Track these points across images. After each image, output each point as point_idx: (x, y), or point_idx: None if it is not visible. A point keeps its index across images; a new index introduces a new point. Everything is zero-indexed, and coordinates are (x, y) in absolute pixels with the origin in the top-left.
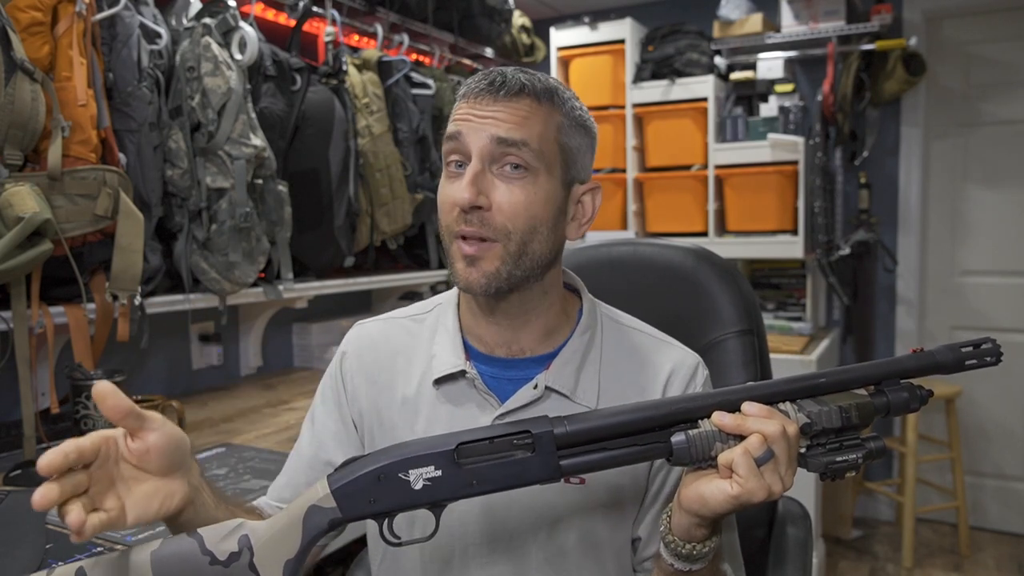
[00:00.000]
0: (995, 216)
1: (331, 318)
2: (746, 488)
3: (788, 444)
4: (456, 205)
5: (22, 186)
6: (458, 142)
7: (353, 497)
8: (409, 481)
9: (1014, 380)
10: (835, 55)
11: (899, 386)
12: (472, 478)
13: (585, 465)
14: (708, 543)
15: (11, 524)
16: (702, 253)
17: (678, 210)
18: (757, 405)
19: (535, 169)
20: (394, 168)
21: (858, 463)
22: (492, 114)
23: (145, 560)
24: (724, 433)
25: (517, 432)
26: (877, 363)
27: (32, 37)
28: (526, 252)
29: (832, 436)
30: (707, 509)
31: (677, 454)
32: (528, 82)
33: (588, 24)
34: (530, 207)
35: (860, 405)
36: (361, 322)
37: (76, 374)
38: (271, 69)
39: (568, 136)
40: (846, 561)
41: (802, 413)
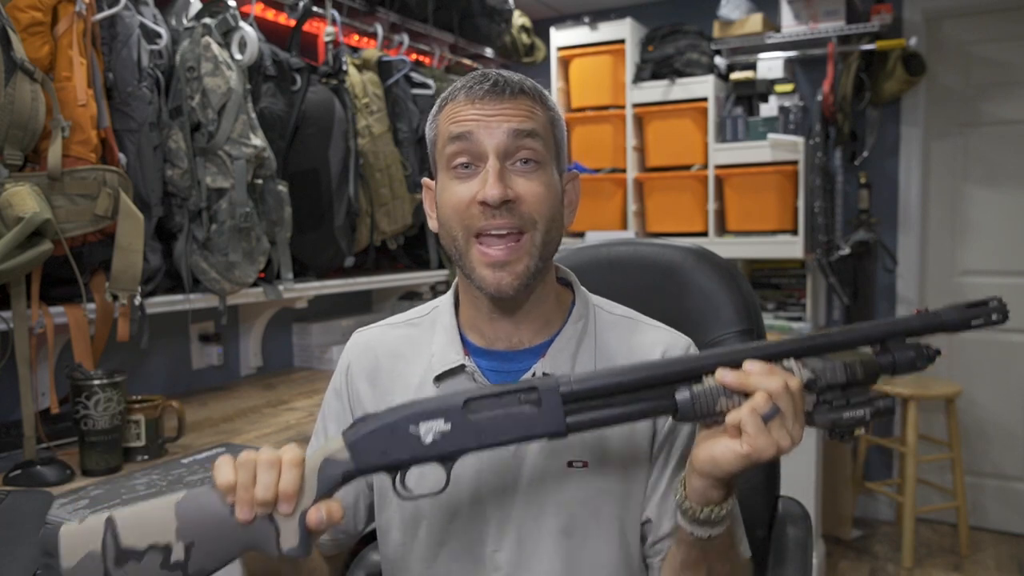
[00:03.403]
0: (995, 216)
1: (331, 318)
2: (755, 446)
3: (792, 399)
4: (479, 202)
5: (22, 186)
6: (468, 142)
7: (365, 450)
8: (419, 435)
9: (1014, 380)
10: (835, 55)
11: (906, 345)
12: (480, 431)
13: (591, 421)
14: (725, 505)
15: (11, 524)
16: (702, 253)
17: (678, 210)
18: (759, 362)
19: (544, 160)
20: (394, 168)
21: (865, 419)
22: (502, 111)
23: (170, 509)
24: (728, 389)
25: (524, 388)
26: (882, 322)
27: (32, 37)
28: (549, 241)
29: (838, 393)
30: (719, 470)
31: (682, 409)
32: (523, 82)
33: (588, 24)
34: (548, 197)
35: (865, 361)
36: (360, 330)
37: (76, 374)
38: (271, 69)
39: (557, 129)
40: (846, 561)
41: (806, 369)
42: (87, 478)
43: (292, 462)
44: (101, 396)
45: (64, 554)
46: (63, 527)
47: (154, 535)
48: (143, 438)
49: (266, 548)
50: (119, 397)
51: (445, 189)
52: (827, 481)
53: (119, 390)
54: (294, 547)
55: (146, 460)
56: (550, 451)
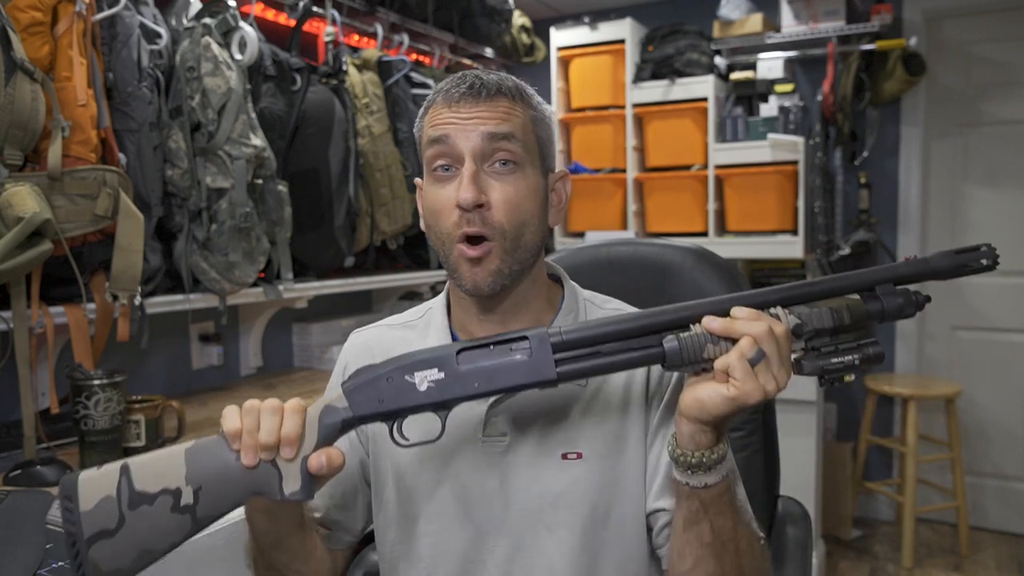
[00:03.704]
0: (995, 216)
1: (331, 318)
2: (742, 389)
3: (777, 343)
4: (457, 206)
5: (22, 186)
6: (445, 145)
7: (364, 398)
8: (415, 383)
9: (1014, 380)
10: (835, 55)
11: (894, 291)
12: (474, 380)
13: (582, 370)
14: (716, 449)
15: (11, 524)
16: (702, 253)
17: (678, 210)
18: (746, 309)
19: (523, 162)
20: (394, 168)
21: (854, 365)
22: (477, 114)
23: (180, 455)
24: (715, 336)
25: (515, 338)
26: (870, 269)
27: (32, 37)
28: (520, 245)
29: (826, 339)
30: (706, 413)
31: (669, 356)
32: (501, 82)
33: (588, 24)
34: (522, 201)
35: (852, 306)
36: (357, 331)
37: (76, 374)
38: (271, 69)
39: (540, 128)
40: (846, 561)
41: (792, 315)
42: None
43: (294, 409)
44: (101, 396)
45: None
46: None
47: (165, 480)
48: (143, 438)
49: (270, 492)
50: (119, 397)
51: (429, 191)
52: (827, 481)
53: (119, 390)
54: (296, 491)
55: None
56: (544, 444)
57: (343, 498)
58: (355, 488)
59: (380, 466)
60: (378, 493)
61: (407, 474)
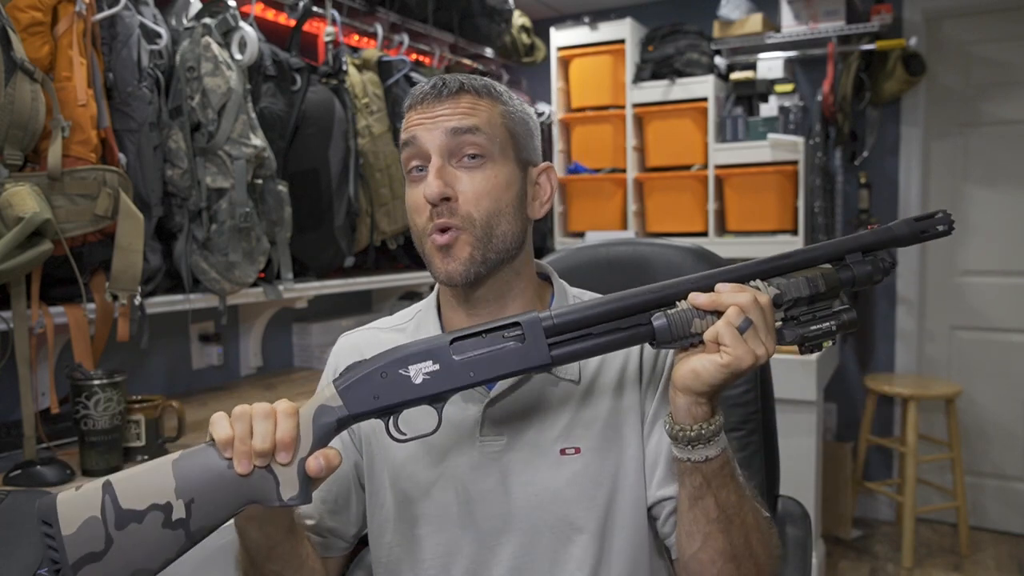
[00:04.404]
0: (995, 216)
1: (331, 318)
2: (734, 355)
3: (763, 311)
4: (426, 201)
5: (22, 186)
6: (414, 147)
7: (358, 395)
8: (410, 376)
9: (1014, 380)
10: (835, 55)
11: (862, 260)
12: (469, 369)
13: (575, 353)
14: (713, 421)
15: (11, 524)
16: (702, 253)
17: (678, 210)
18: (729, 284)
19: (491, 153)
20: (394, 168)
21: (832, 331)
22: (440, 112)
23: (167, 469)
24: (701, 311)
25: (507, 325)
26: (838, 240)
27: (32, 37)
28: (494, 234)
29: (804, 307)
30: (700, 382)
31: (659, 334)
32: (466, 80)
33: (588, 24)
34: (492, 191)
35: (826, 275)
36: (346, 334)
37: (76, 374)
38: (271, 69)
39: (512, 122)
40: (846, 561)
41: (772, 287)
42: (87, 478)
43: (286, 412)
44: (101, 396)
45: (63, 522)
46: (60, 495)
47: (153, 495)
48: (143, 438)
49: (267, 499)
50: (119, 397)
51: (407, 193)
52: (827, 481)
53: (119, 390)
54: (295, 495)
55: (146, 460)
56: (541, 441)
57: (336, 503)
58: (348, 492)
59: (375, 468)
60: (373, 495)
61: (404, 476)
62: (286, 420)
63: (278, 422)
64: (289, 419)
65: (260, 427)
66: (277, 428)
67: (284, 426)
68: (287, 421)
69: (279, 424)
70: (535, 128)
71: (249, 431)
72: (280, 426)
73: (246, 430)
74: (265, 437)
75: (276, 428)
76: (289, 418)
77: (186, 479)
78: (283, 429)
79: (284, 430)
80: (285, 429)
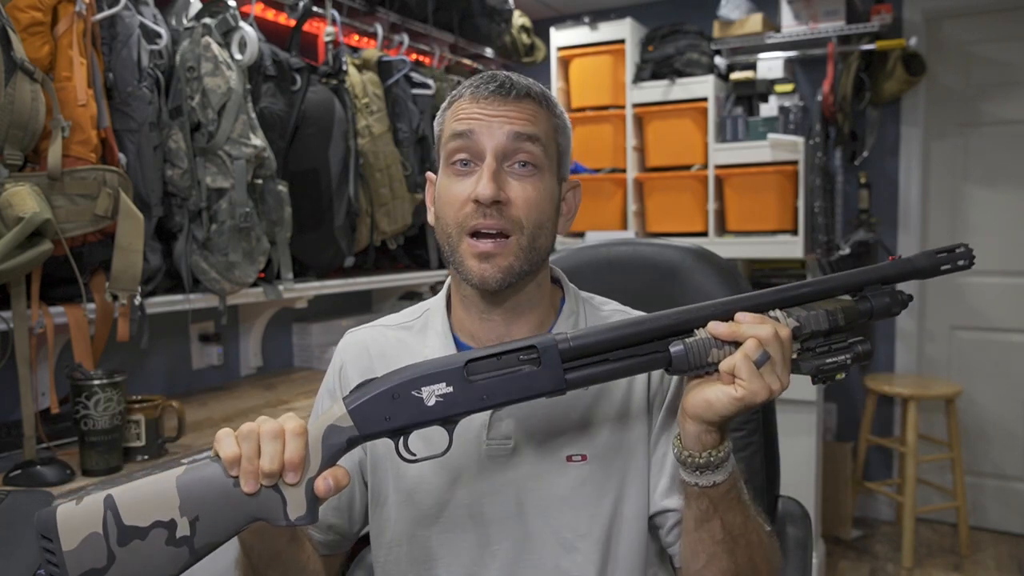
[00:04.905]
0: (995, 216)
1: (331, 318)
2: (749, 389)
3: (782, 345)
4: (472, 200)
5: (22, 186)
6: (469, 140)
7: (369, 415)
8: (422, 398)
9: (1014, 380)
10: (835, 55)
11: (881, 291)
12: (483, 392)
13: (590, 377)
14: (721, 448)
15: (11, 524)
16: (702, 253)
17: (678, 210)
18: (750, 314)
19: (542, 166)
20: (394, 168)
21: (847, 364)
22: (504, 113)
23: (171, 485)
24: (719, 340)
25: (523, 347)
26: (858, 271)
27: (32, 37)
28: (535, 246)
29: (821, 339)
30: (712, 412)
31: (676, 361)
32: (532, 85)
33: (588, 24)
34: (540, 203)
35: (845, 308)
36: (352, 330)
37: (76, 374)
38: (271, 69)
39: (561, 136)
40: (846, 561)
41: (791, 318)
42: (87, 478)
43: (295, 431)
44: (101, 396)
45: (64, 537)
46: (59, 508)
47: (157, 512)
48: (143, 438)
49: (273, 518)
50: (119, 397)
51: (444, 184)
52: (827, 481)
53: (119, 390)
54: (302, 515)
55: (146, 460)
56: (548, 447)
57: (339, 501)
58: (351, 490)
59: (378, 466)
60: (375, 493)
61: (408, 477)
62: (294, 440)
63: (287, 442)
64: (298, 439)
65: (268, 447)
66: (286, 449)
67: (293, 446)
68: (295, 441)
69: (288, 444)
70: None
71: (257, 451)
72: (289, 446)
73: (254, 449)
74: (273, 458)
75: (284, 448)
76: (298, 438)
77: (191, 496)
78: (291, 450)
79: (293, 450)
80: (294, 449)
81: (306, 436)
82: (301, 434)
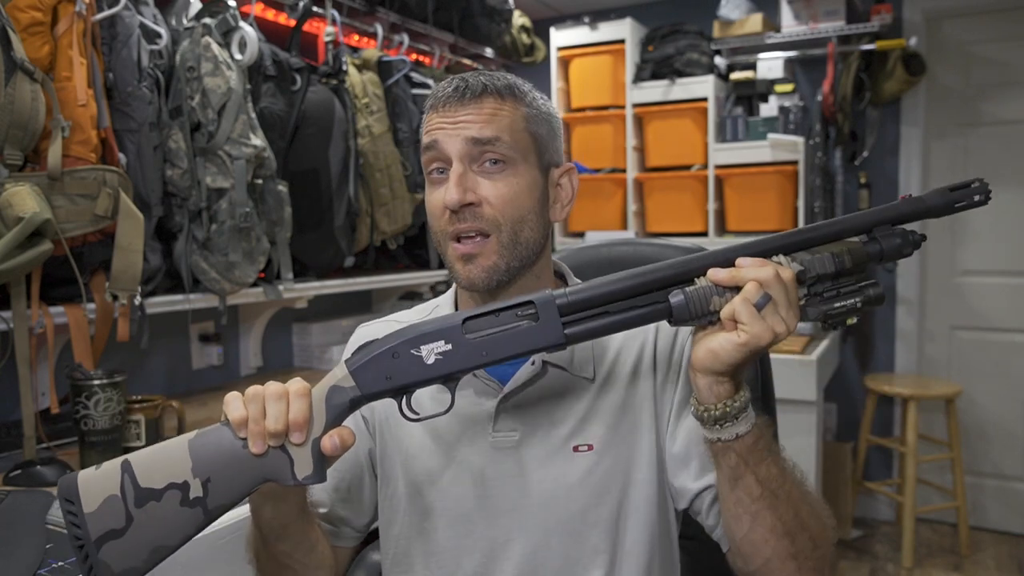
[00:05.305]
0: (995, 216)
1: (331, 318)
2: (752, 332)
3: (784, 287)
4: (446, 207)
5: (22, 186)
6: (436, 150)
7: (370, 375)
8: (422, 356)
9: (1014, 380)
10: (835, 55)
11: (891, 232)
12: (482, 349)
13: (590, 331)
14: (737, 397)
15: (11, 524)
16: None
17: (678, 210)
18: (750, 258)
19: (513, 160)
20: (394, 168)
21: (857, 307)
22: (462, 117)
23: (183, 447)
24: (720, 287)
25: (520, 303)
26: (868, 211)
27: (32, 37)
28: (519, 240)
29: (829, 283)
30: (719, 362)
31: (677, 311)
32: (488, 82)
33: (588, 24)
34: (516, 197)
35: (852, 250)
36: (364, 324)
37: (76, 374)
38: (271, 69)
39: (535, 124)
40: (846, 561)
41: (795, 262)
42: None
43: (299, 392)
44: (101, 396)
45: (85, 500)
46: (80, 473)
47: (171, 474)
48: (143, 438)
49: (282, 478)
50: (119, 397)
51: (426, 194)
52: (827, 481)
53: (119, 390)
54: (309, 474)
55: None
56: (554, 437)
57: (348, 492)
58: (361, 481)
59: (387, 456)
60: (385, 484)
61: (416, 467)
62: (298, 401)
63: (291, 403)
64: (302, 400)
65: (273, 408)
66: (290, 409)
67: (297, 407)
68: (299, 402)
69: (292, 405)
70: (558, 128)
71: (262, 412)
72: (293, 407)
73: (259, 411)
74: (278, 418)
75: (289, 409)
76: (302, 399)
77: (202, 458)
78: (296, 410)
79: (297, 411)
80: (298, 410)
81: (310, 397)
82: (305, 395)
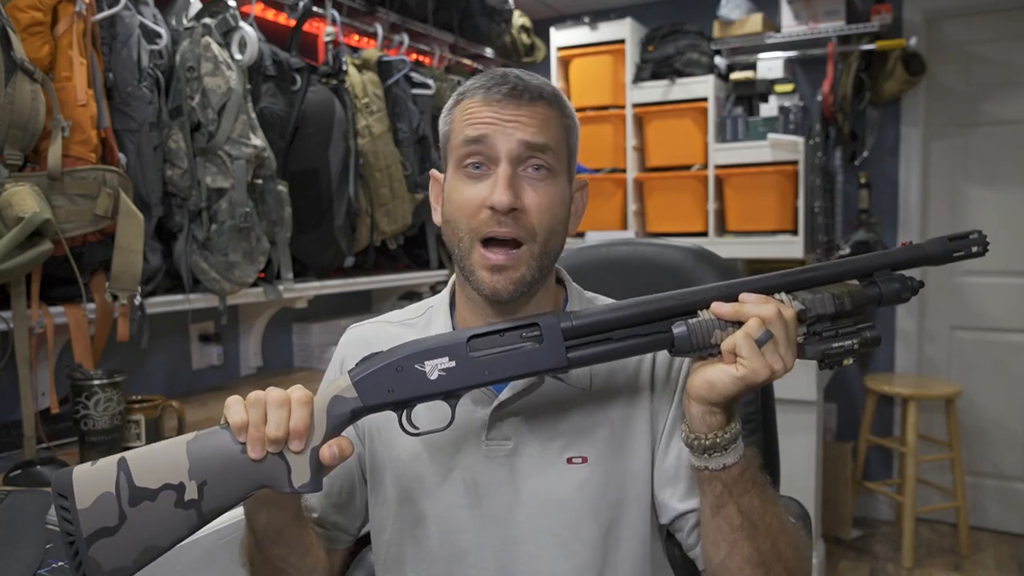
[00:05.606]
0: (995, 216)
1: (331, 318)
2: (750, 368)
3: (785, 325)
4: (487, 206)
5: (22, 186)
6: (483, 144)
7: (373, 387)
8: (425, 372)
9: (1014, 380)
10: (835, 55)
11: (891, 277)
12: (485, 368)
13: (592, 356)
14: (728, 429)
15: (11, 524)
16: (702, 253)
17: (678, 210)
18: (754, 294)
19: (555, 170)
20: (394, 168)
21: (854, 349)
22: (517, 118)
23: (181, 449)
24: (723, 321)
25: (526, 325)
26: (869, 256)
27: (32, 37)
28: (548, 252)
29: (828, 323)
30: (715, 393)
31: (679, 342)
32: (543, 86)
33: (588, 24)
34: (553, 207)
35: (853, 292)
36: (354, 326)
37: (76, 374)
38: (271, 69)
39: (572, 136)
40: (846, 561)
41: (797, 301)
42: None
43: (301, 400)
44: (101, 396)
45: (79, 496)
46: (76, 468)
47: (167, 475)
48: (143, 438)
49: (278, 485)
50: (119, 397)
51: (455, 187)
52: (827, 481)
53: (119, 390)
54: (306, 483)
55: None
56: (548, 449)
57: (340, 497)
58: (352, 487)
59: (377, 463)
60: (374, 491)
61: (408, 475)
62: (300, 409)
63: (292, 410)
64: (303, 408)
65: (274, 415)
66: (291, 416)
67: (298, 415)
68: (301, 410)
69: (293, 412)
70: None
71: (263, 418)
72: (294, 414)
73: (260, 416)
74: (279, 425)
75: (290, 416)
76: (303, 407)
77: (199, 461)
78: (297, 418)
79: (298, 418)
80: (299, 417)
81: (311, 405)
82: (306, 403)
